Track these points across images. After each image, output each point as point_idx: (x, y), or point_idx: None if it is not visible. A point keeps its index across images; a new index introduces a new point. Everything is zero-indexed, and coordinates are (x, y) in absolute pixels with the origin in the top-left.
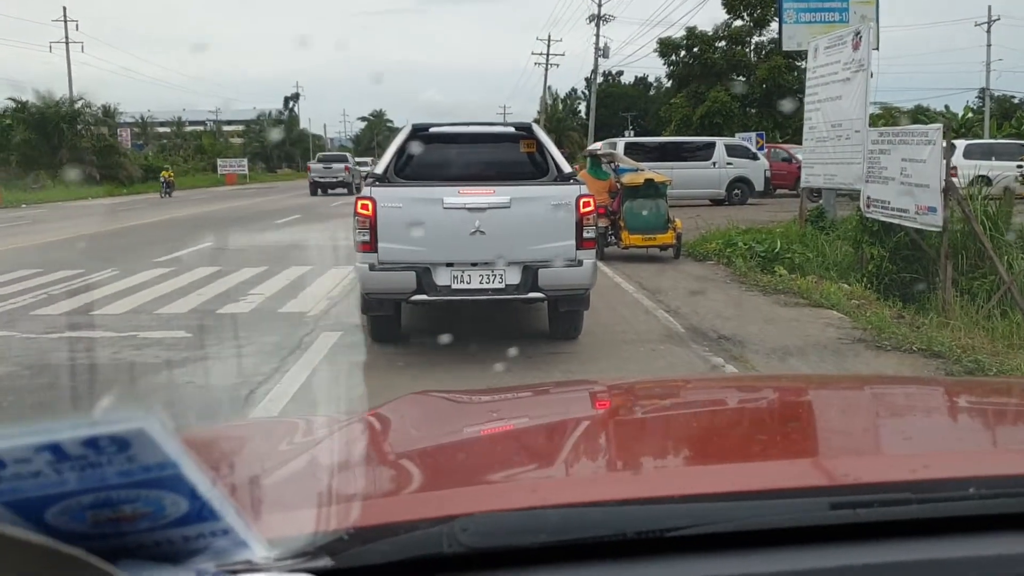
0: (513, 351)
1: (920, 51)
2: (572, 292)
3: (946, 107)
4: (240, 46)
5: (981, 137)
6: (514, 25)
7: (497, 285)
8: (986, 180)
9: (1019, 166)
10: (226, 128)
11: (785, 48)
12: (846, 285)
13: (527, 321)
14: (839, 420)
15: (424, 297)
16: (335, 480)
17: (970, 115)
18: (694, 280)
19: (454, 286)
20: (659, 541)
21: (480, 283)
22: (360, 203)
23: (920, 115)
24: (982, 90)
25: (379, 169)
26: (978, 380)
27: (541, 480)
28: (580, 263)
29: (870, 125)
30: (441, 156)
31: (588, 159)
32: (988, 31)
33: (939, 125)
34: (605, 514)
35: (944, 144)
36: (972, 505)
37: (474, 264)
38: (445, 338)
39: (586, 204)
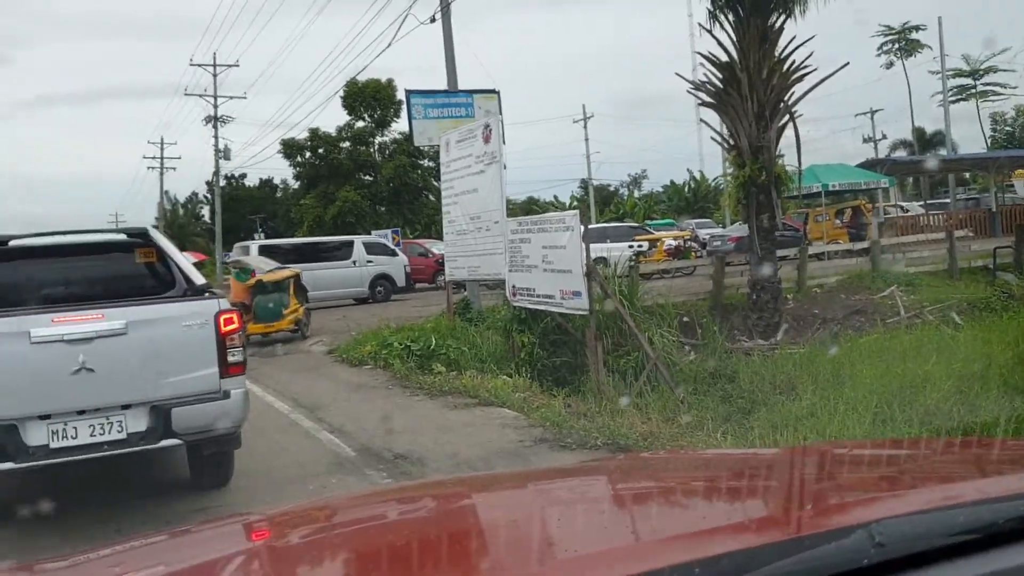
0: (143, 515)
1: (528, 146)
2: (219, 433)
3: (555, 197)
4: None
5: (588, 223)
6: (124, 127)
7: (117, 436)
8: (604, 261)
9: (630, 246)
10: None
11: (417, 143)
12: (507, 378)
13: (162, 468)
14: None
15: (10, 465)
16: None
17: (576, 203)
18: (354, 389)
19: (54, 445)
20: None
21: (92, 436)
22: None
23: (532, 206)
24: (584, 180)
25: None
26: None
27: None
28: (227, 395)
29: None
30: (26, 276)
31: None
32: (585, 127)
33: (575, 212)
34: None
35: (582, 229)
36: None
37: (82, 412)
38: (48, 507)
39: (228, 321)
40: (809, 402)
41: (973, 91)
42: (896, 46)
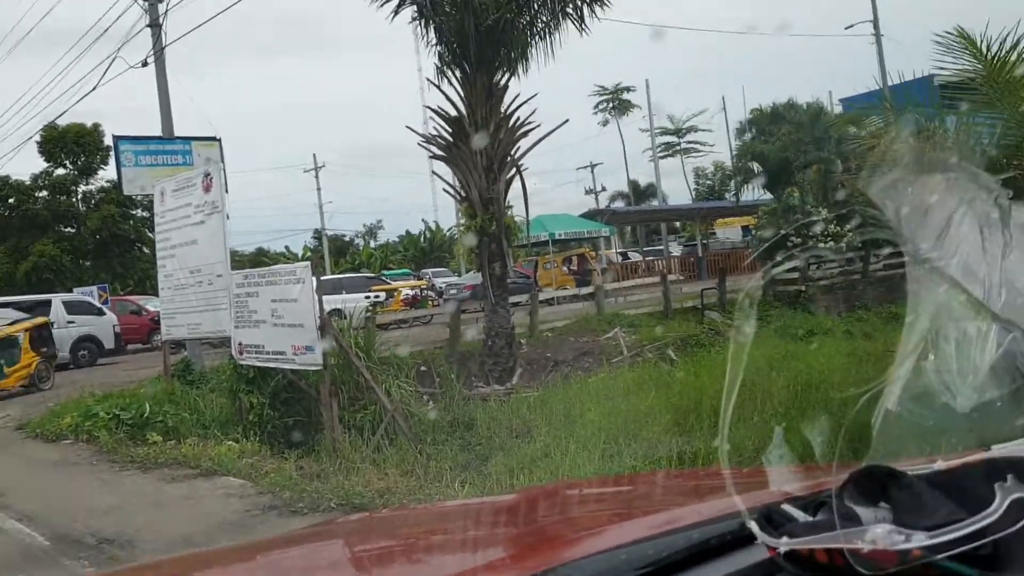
0: None
1: (257, 196)
2: None
3: (287, 248)
4: None
5: (323, 273)
6: None
7: None
8: (340, 313)
9: (367, 297)
10: None
11: (127, 192)
12: (234, 443)
13: None
14: None
15: None
16: None
17: (309, 254)
18: (50, 468)
19: None
20: None
21: None
22: None
23: (262, 257)
24: (317, 230)
25: None
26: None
27: None
28: None
29: None
30: None
31: None
32: (316, 176)
33: (307, 263)
34: None
35: (315, 281)
36: None
37: None
38: None
39: None
40: (543, 443)
41: (678, 148)
42: (610, 105)
